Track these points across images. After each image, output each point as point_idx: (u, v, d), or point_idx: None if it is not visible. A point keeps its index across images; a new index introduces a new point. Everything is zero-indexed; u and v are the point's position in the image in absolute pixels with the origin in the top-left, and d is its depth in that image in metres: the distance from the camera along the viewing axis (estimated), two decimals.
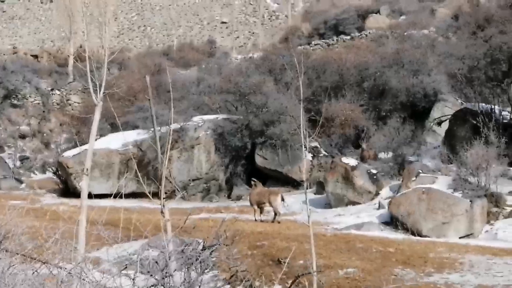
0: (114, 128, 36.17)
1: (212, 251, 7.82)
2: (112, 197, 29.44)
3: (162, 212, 7.52)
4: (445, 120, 27.19)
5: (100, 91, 9.23)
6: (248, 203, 24.97)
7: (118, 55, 59.75)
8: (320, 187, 26.37)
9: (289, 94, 28.83)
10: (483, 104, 25.32)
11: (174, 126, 28.99)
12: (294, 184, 28.08)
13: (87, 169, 9.21)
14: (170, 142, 8.60)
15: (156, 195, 28.57)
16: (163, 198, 7.67)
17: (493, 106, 24.77)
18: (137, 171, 29.80)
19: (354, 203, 23.84)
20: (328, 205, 24.71)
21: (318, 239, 17.20)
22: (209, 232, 18.31)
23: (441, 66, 30.39)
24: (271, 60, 32.54)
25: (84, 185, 9.14)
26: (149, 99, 8.79)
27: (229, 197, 29.55)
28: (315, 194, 26.62)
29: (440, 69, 30.62)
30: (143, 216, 23.04)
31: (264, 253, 15.91)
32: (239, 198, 28.51)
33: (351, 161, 24.61)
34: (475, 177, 20.56)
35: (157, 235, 16.10)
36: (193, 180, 29.45)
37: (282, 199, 21.60)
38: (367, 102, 29.82)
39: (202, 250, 8.60)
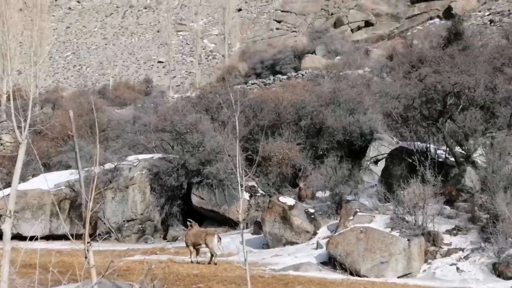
0: (48, 168, 35.39)
1: None
2: (45, 239, 28.78)
3: (86, 257, 7.05)
4: (382, 159, 27.26)
5: (25, 129, 8.71)
6: (184, 244, 24.56)
7: (52, 94, 59.02)
8: (258, 227, 26.03)
9: (225, 132, 28.55)
10: (419, 142, 25.47)
11: (108, 165, 28.46)
12: (231, 224, 27.69)
13: (10, 211, 8.68)
14: (95, 181, 8.07)
15: (89, 236, 27.80)
16: (88, 243, 7.19)
17: (428, 145, 24.92)
18: (70, 212, 29.41)
19: (292, 243, 23.54)
20: (265, 246, 24.36)
21: (256, 281, 16.85)
22: (142, 275, 17.82)
23: (377, 105, 30.54)
24: (207, 98, 32.26)
25: (7, 227, 8.59)
26: (72, 135, 8.28)
27: (164, 238, 29.00)
28: (252, 234, 26.25)
29: (375, 108, 30.79)
30: (77, 259, 22.40)
31: None
32: (175, 239, 27.98)
33: (288, 200, 24.35)
34: (412, 215, 20.50)
35: (89, 280, 15.56)
36: (128, 221, 28.82)
37: (219, 240, 21.17)
38: (304, 141, 29.70)
39: None
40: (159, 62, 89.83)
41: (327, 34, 60.98)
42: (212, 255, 21.00)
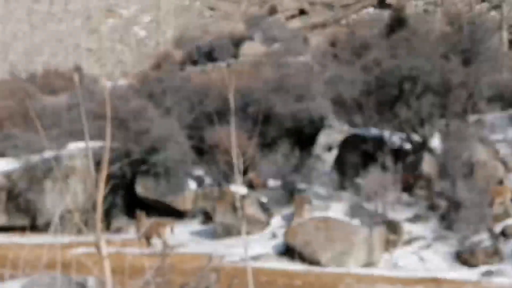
0: None
1: None
2: None
3: (97, 247, 5.97)
4: (335, 146, 26.60)
5: None
6: (131, 236, 23.57)
7: None
8: (206, 217, 25.15)
9: (170, 120, 27.46)
10: (373, 129, 24.93)
11: (48, 154, 27.05)
12: (178, 215, 26.63)
13: None
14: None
15: (30, 228, 26.25)
16: (99, 230, 6.12)
17: (383, 132, 24.38)
18: (7, 203, 27.92)
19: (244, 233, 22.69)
20: (216, 236, 23.46)
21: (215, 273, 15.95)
22: (95, 268, 16.69)
23: (328, 91, 29.89)
24: (150, 84, 31.03)
25: None
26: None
27: (107, 229, 27.74)
28: (201, 224, 25.37)
29: (325, 94, 30.10)
30: (17, 252, 21.13)
31: None
32: (119, 230, 26.77)
33: (240, 189, 23.48)
34: (372, 204, 19.94)
35: (37, 274, 14.40)
36: (69, 212, 27.39)
37: (172, 231, 20.22)
38: (251, 128, 28.72)
39: None
40: (89, 49, 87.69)
41: (265, 21, 60.16)
42: (164, 246, 20.01)
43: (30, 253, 19.82)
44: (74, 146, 28.32)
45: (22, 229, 27.41)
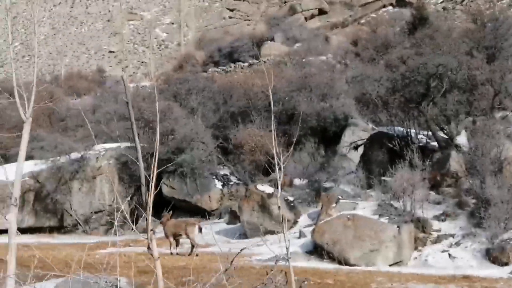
0: (6, 159, 33.85)
1: None
2: (7, 232, 27.42)
3: (149, 247, 6.06)
4: (361, 144, 26.53)
5: (29, 105, 7.69)
6: (158, 235, 23.61)
7: (5, 84, 56.99)
8: (233, 216, 25.19)
9: (195, 120, 27.56)
10: (399, 127, 24.86)
11: (74, 155, 27.23)
12: (204, 214, 26.74)
13: (15, 198, 7.65)
14: None
15: (56, 229, 26.56)
16: (151, 230, 6.21)
17: (408, 129, 24.30)
18: (35, 204, 28.13)
19: (271, 232, 22.67)
20: (243, 235, 23.50)
21: (248, 272, 15.97)
22: (126, 268, 16.76)
23: (350, 90, 29.91)
24: (175, 85, 31.13)
25: (12, 218, 7.55)
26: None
27: (134, 229, 27.84)
28: (227, 224, 25.41)
29: (348, 93, 30.13)
30: (47, 252, 21.23)
31: None
32: (145, 230, 26.84)
33: (267, 188, 23.51)
34: (400, 201, 19.87)
35: (74, 274, 14.49)
36: (96, 212, 27.63)
37: (200, 230, 20.24)
38: (276, 128, 28.79)
39: None
40: (110, 52, 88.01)
41: (286, 21, 60.27)
42: (193, 246, 20.07)
43: (60, 253, 19.99)
44: (101, 147, 28.48)
45: (49, 230, 27.64)
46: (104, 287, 14.77)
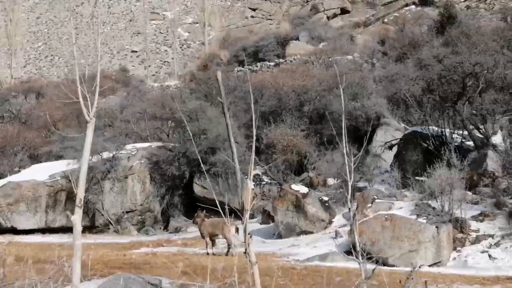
0: (34, 159, 34.05)
1: None
2: (41, 232, 27.57)
3: (245, 252, 5.97)
4: (396, 144, 26.35)
5: (92, 106, 7.63)
6: (191, 236, 23.64)
7: (34, 83, 57.31)
8: (266, 216, 25.08)
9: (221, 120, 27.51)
10: (433, 127, 24.67)
11: (106, 155, 27.25)
12: (237, 214, 26.60)
13: (80, 199, 7.60)
14: None
15: (88, 229, 26.55)
16: (248, 234, 6.12)
17: (443, 129, 24.11)
18: (67, 204, 28.16)
19: (306, 232, 22.60)
20: (277, 235, 23.34)
21: (289, 273, 15.89)
22: (165, 269, 16.76)
23: (382, 89, 29.77)
24: (207, 85, 31.06)
25: (77, 219, 7.51)
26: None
27: (165, 229, 27.87)
28: (261, 224, 25.31)
29: (379, 92, 29.98)
30: (82, 253, 21.23)
31: None
32: (177, 230, 26.88)
33: (301, 188, 23.40)
34: (438, 201, 19.69)
35: (116, 275, 14.46)
36: (127, 212, 27.63)
37: (237, 231, 20.13)
38: (307, 127, 28.67)
39: None
40: (133, 51, 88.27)
41: (310, 20, 60.11)
42: (229, 246, 19.96)
43: (96, 253, 19.95)
44: (132, 146, 28.50)
45: (82, 230, 27.65)
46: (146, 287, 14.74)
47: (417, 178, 23.18)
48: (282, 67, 42.20)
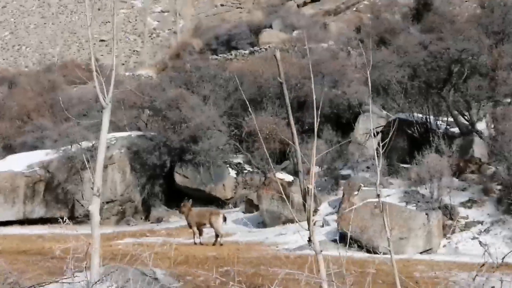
0: (7, 150, 33.38)
1: None
2: (19, 223, 27.02)
3: (310, 240, 5.69)
4: (381, 131, 26.21)
5: (109, 91, 7.32)
6: (172, 225, 23.39)
7: (6, 73, 56.28)
8: (249, 205, 24.85)
9: (209, 108, 27.11)
10: (417, 114, 24.60)
11: (85, 144, 26.79)
12: (219, 203, 26.37)
13: (98, 189, 7.29)
14: None
15: (68, 219, 25.88)
16: (313, 223, 5.85)
17: (428, 116, 24.03)
18: (45, 195, 27.64)
19: (292, 221, 22.34)
20: (261, 224, 23.16)
21: (283, 262, 15.64)
22: (156, 259, 16.40)
23: (361, 77, 29.61)
24: (187, 73, 30.59)
25: (95, 209, 7.20)
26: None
27: (146, 219, 27.48)
28: (244, 212, 25.06)
29: (359, 80, 29.82)
30: (66, 243, 20.78)
31: (242, 282, 13.95)
32: (159, 220, 26.50)
33: (286, 176, 23.18)
34: (427, 188, 19.59)
35: (109, 266, 14.10)
36: (107, 202, 27.11)
37: (224, 220, 19.90)
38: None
39: None
40: (101, 40, 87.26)
41: (283, 8, 59.82)
42: (217, 236, 19.70)
43: (80, 244, 19.40)
44: (111, 136, 28.02)
45: (60, 221, 27.17)
46: (142, 278, 14.43)
47: (401, 165, 23.13)
48: (257, 55, 41.83)
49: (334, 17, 59.58)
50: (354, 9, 65.18)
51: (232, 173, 26.95)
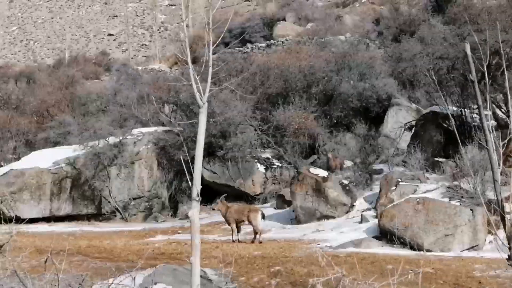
0: (30, 145, 33.02)
1: None
2: (45, 221, 26.62)
3: (509, 258, 5.27)
4: (415, 124, 25.76)
5: (205, 91, 6.87)
6: (207, 222, 23.04)
7: (26, 68, 55.96)
8: (281, 201, 24.40)
9: (238, 103, 26.61)
10: (451, 107, 24.14)
11: (112, 140, 26.40)
12: (248, 199, 25.92)
13: (198, 193, 6.85)
14: None
15: (94, 216, 25.66)
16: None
17: (463, 109, 23.58)
18: (72, 191, 27.25)
19: (327, 217, 21.92)
20: (295, 220, 22.66)
21: (334, 262, 15.20)
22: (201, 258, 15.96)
23: (389, 69, 29.17)
24: (214, 67, 29.97)
25: (195, 214, 6.76)
26: None
27: (173, 215, 27.06)
28: (275, 208, 24.59)
29: (387, 72, 29.37)
30: (99, 242, 20.41)
31: (292, 282, 13.56)
32: (187, 216, 26.03)
33: (320, 171, 22.69)
34: (470, 184, 19.13)
35: (161, 266, 13.73)
36: (134, 198, 26.74)
37: (263, 216, 19.46)
38: (316, 109, 27.86)
39: None
40: (110, 34, 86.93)
41: (297, 1, 59.38)
42: (255, 233, 19.29)
43: (115, 242, 18.98)
44: (138, 131, 27.62)
45: (87, 217, 26.84)
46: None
47: (436, 159, 22.69)
48: (273, 49, 41.37)
49: (347, 9, 59.10)
50: (364, 0, 64.75)
51: (261, 168, 26.46)
